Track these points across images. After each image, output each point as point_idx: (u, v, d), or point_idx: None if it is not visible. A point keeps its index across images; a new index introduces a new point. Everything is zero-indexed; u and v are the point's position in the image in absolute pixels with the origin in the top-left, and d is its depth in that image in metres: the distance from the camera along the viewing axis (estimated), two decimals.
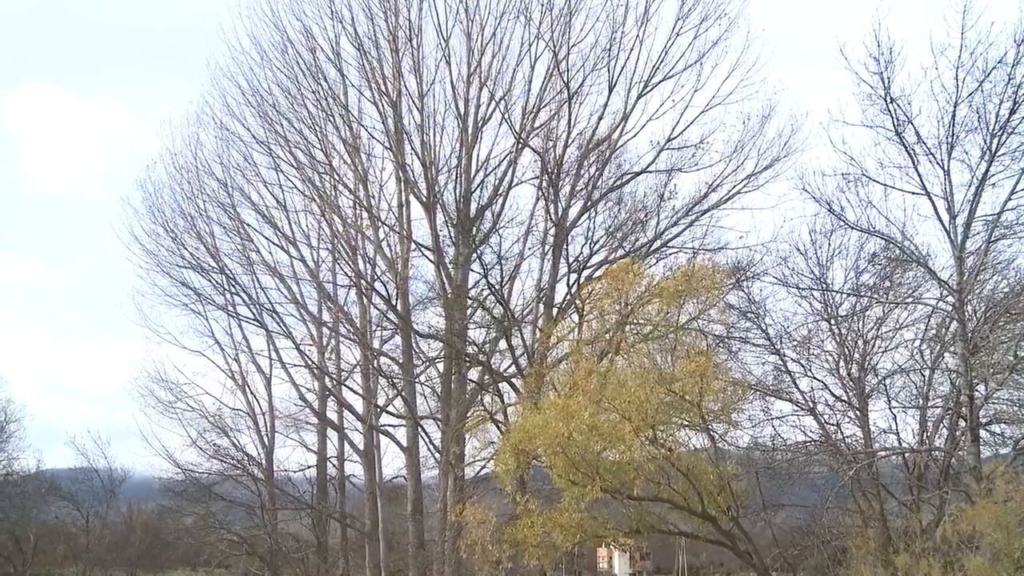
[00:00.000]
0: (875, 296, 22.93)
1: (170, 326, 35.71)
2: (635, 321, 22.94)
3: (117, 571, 35.45)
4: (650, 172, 28.36)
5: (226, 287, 35.57)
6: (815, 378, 23.61)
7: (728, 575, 74.95)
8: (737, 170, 27.69)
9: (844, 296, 23.39)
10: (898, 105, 19.20)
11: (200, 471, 37.09)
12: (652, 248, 28.44)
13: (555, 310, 27.70)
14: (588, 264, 28.39)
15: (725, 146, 27.55)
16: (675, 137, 27.85)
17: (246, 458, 37.42)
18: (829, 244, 23.19)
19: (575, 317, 26.23)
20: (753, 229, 27.59)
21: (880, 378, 23.34)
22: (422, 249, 29.81)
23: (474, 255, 28.46)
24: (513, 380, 27.12)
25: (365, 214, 30.94)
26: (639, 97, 27.78)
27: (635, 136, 28.32)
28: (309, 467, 38.06)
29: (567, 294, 28.02)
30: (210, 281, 35.53)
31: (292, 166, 31.24)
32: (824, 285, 23.48)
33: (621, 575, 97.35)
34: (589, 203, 28.40)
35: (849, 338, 23.26)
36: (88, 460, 37.45)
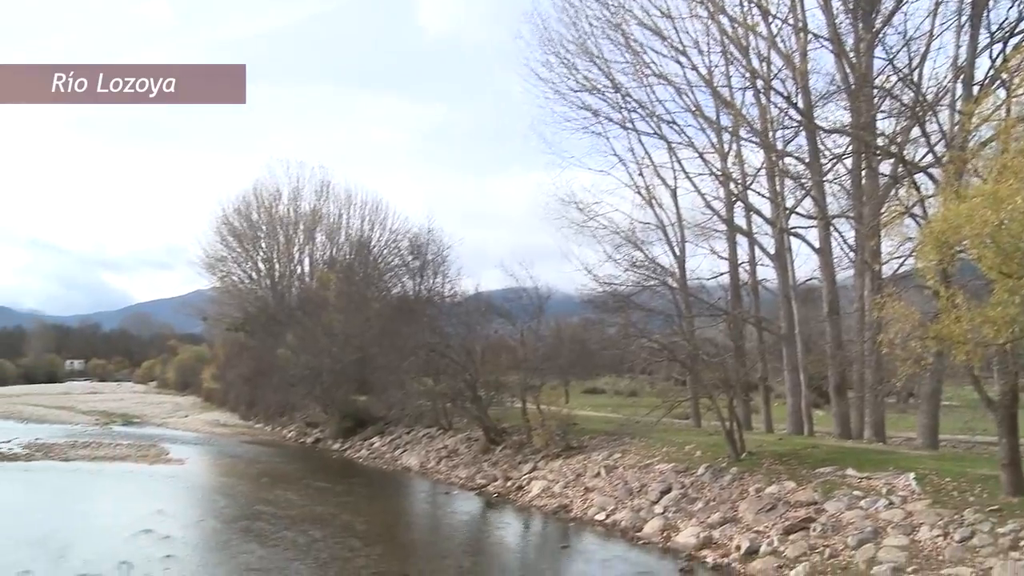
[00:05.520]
0: None
1: (573, 150, 37.15)
2: None
3: (551, 378, 38.51)
4: None
5: (622, 104, 36.37)
6: None
7: None
8: None
9: None
10: None
11: (618, 283, 38.96)
12: None
13: (976, 88, 24.93)
14: (1016, 31, 25.04)
15: None
16: None
17: (660, 269, 38.68)
18: None
19: (1001, 93, 23.44)
20: None
21: None
22: (819, 40, 28.30)
23: (877, 40, 26.41)
24: (930, 170, 25.16)
25: (755, 10, 29.73)
26: None
27: None
28: (721, 274, 38.59)
29: (990, 68, 24.93)
30: (606, 100, 36.47)
31: None
32: None
33: None
34: None
35: None
36: (516, 280, 40.58)
